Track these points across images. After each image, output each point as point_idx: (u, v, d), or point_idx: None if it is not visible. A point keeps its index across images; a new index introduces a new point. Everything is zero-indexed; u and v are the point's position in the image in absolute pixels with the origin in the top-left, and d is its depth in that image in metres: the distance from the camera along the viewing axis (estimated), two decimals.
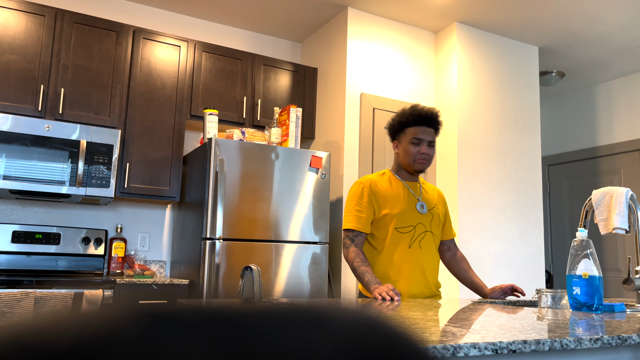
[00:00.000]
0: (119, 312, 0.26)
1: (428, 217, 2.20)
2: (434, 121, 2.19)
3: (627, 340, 1.11)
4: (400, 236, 2.13)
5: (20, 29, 3.18)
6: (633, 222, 2.03)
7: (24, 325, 0.25)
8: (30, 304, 2.66)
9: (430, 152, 2.18)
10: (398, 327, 0.29)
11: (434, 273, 2.20)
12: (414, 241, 2.14)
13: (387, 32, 3.98)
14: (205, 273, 2.95)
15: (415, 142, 2.18)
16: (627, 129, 4.81)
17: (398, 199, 2.17)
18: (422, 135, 2.17)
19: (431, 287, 2.17)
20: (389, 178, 2.23)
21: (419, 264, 2.14)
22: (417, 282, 2.13)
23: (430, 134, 2.18)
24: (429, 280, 2.16)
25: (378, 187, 2.18)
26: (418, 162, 2.17)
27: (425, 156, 2.17)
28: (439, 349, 0.89)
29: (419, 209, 2.18)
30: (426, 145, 2.18)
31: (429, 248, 2.18)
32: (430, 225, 2.20)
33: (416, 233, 2.15)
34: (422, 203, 2.20)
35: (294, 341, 0.25)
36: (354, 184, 2.22)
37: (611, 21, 3.88)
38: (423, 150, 2.16)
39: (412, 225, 2.15)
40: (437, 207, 2.26)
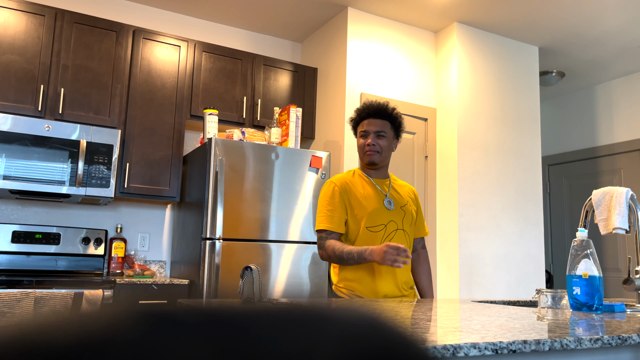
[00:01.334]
0: (118, 312, 0.26)
1: (399, 214, 2.18)
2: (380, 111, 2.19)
3: (627, 340, 1.11)
4: (371, 235, 2.11)
5: (20, 29, 3.18)
6: (633, 222, 2.03)
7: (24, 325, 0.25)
8: (30, 304, 2.66)
9: (380, 142, 2.16)
10: (398, 327, 0.29)
11: (405, 271, 2.16)
12: (385, 239, 2.12)
13: (387, 32, 3.98)
14: (205, 273, 2.95)
15: (362, 135, 2.19)
16: (627, 129, 4.81)
17: (368, 197, 2.15)
18: (368, 127, 2.17)
19: (400, 287, 2.14)
20: (359, 176, 2.22)
21: None
22: (386, 282, 2.10)
23: (378, 124, 2.17)
24: (399, 279, 2.13)
25: (349, 185, 2.16)
26: (367, 153, 2.17)
27: (372, 147, 2.16)
28: (439, 349, 0.89)
29: (386, 205, 2.15)
30: (374, 137, 2.16)
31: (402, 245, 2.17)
32: (402, 223, 2.18)
33: (387, 231, 2.13)
34: (390, 199, 2.18)
35: (294, 341, 0.25)
36: (325, 184, 2.20)
37: (611, 21, 3.88)
38: (368, 141, 2.16)
39: (383, 224, 2.13)
40: (409, 204, 2.23)
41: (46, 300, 2.71)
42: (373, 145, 2.16)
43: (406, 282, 2.17)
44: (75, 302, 2.78)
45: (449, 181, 3.87)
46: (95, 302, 2.84)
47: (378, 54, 3.91)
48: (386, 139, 2.18)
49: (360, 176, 2.22)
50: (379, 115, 2.18)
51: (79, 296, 2.80)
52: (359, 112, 2.23)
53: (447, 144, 3.94)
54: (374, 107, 2.19)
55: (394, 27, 4.01)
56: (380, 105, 2.19)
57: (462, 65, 3.98)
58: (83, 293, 2.82)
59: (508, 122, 4.14)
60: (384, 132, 2.17)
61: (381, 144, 2.17)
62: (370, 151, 2.16)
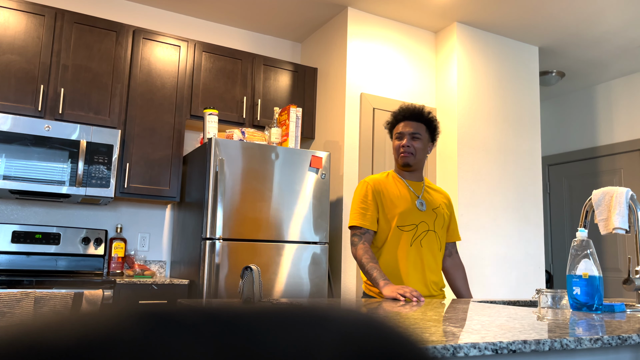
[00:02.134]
0: (118, 312, 0.26)
1: (431, 215, 2.21)
2: (416, 114, 2.22)
3: (627, 340, 1.11)
4: (402, 234, 2.15)
5: (20, 29, 3.18)
6: (633, 222, 2.03)
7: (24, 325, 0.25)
8: (30, 304, 2.66)
9: (414, 144, 2.20)
10: (398, 327, 0.29)
11: (435, 272, 2.19)
12: (415, 239, 2.15)
13: (387, 32, 3.98)
14: (205, 273, 2.95)
15: (398, 137, 2.23)
16: (627, 129, 4.81)
17: (400, 198, 2.18)
18: (403, 129, 2.21)
19: (429, 287, 2.17)
20: (392, 178, 2.26)
21: (419, 263, 2.14)
22: (415, 280, 2.13)
23: (412, 126, 2.21)
24: (428, 279, 2.16)
25: (381, 186, 2.20)
26: (401, 155, 2.21)
27: (407, 148, 2.19)
28: (439, 349, 0.89)
29: (418, 206, 2.19)
30: (409, 138, 2.20)
31: (431, 247, 2.18)
32: (434, 225, 2.21)
33: (418, 231, 2.16)
34: (422, 201, 2.21)
35: (294, 341, 0.25)
36: (359, 184, 2.25)
37: (611, 21, 3.88)
38: (403, 143, 2.19)
39: (414, 224, 2.16)
40: (441, 207, 2.26)
41: (46, 300, 2.71)
42: (407, 147, 2.19)
43: (436, 282, 2.20)
44: (75, 302, 2.78)
45: (449, 181, 3.88)
46: (95, 302, 2.84)
47: (378, 54, 3.91)
48: (421, 141, 2.22)
49: (394, 178, 2.26)
50: (415, 118, 2.22)
51: (79, 296, 2.80)
52: (395, 115, 2.27)
53: (447, 144, 3.94)
54: (409, 110, 2.23)
55: (394, 27, 4.01)
56: (416, 108, 2.24)
57: (462, 65, 3.98)
58: (83, 293, 2.82)
59: (508, 122, 4.14)
60: (418, 135, 2.21)
61: (416, 146, 2.20)
62: (404, 153, 2.20)
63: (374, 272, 2.02)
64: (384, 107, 3.84)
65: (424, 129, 2.23)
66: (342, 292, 3.50)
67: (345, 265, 3.53)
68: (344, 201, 3.60)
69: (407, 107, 2.25)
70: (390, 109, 3.86)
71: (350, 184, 3.64)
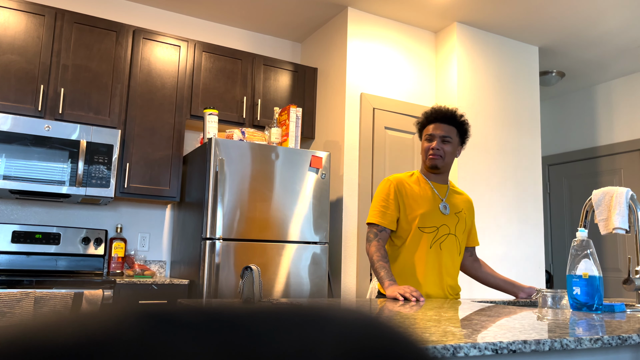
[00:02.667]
0: (118, 312, 0.26)
1: (453, 219, 2.20)
2: (450, 117, 2.20)
3: (627, 340, 1.11)
4: (422, 236, 2.13)
5: (20, 29, 3.18)
6: (633, 222, 2.03)
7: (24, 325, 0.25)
8: (30, 304, 2.66)
9: (444, 147, 2.18)
10: (398, 327, 0.29)
11: (452, 276, 2.18)
12: (435, 242, 2.14)
13: (387, 32, 3.98)
14: (205, 273, 2.95)
15: (427, 139, 2.21)
16: (627, 129, 4.81)
17: (424, 199, 2.17)
18: (434, 131, 2.19)
19: (445, 290, 2.17)
20: (417, 178, 2.24)
21: (437, 265, 2.13)
22: (432, 283, 2.12)
23: (444, 129, 2.18)
24: (445, 282, 2.15)
25: (405, 186, 2.19)
26: (430, 157, 2.18)
27: (436, 151, 2.17)
28: (439, 349, 0.89)
29: (441, 209, 2.17)
30: (439, 141, 2.18)
31: (450, 250, 2.17)
32: (455, 228, 2.19)
33: (439, 234, 2.15)
34: (445, 204, 2.19)
35: (294, 341, 0.25)
36: (383, 181, 2.23)
37: (611, 21, 3.88)
38: (433, 145, 2.17)
39: (435, 227, 2.15)
40: (463, 212, 2.25)
41: (46, 300, 2.71)
42: (437, 149, 2.18)
43: (452, 286, 2.19)
44: (75, 302, 2.78)
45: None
46: (95, 302, 2.84)
47: (378, 54, 3.91)
48: (451, 145, 2.20)
49: (419, 178, 2.24)
50: (447, 121, 2.20)
51: (79, 296, 2.80)
52: (427, 116, 2.24)
53: None
54: (442, 112, 2.20)
55: (394, 27, 4.01)
56: (449, 110, 2.21)
57: (462, 65, 3.98)
58: (83, 293, 2.82)
59: (508, 122, 4.14)
60: (449, 138, 2.19)
61: (445, 149, 2.19)
62: (433, 155, 2.18)
63: (382, 271, 2.02)
64: (384, 107, 3.84)
65: (455, 132, 2.21)
66: (342, 292, 3.50)
67: (345, 265, 3.53)
68: (344, 201, 3.60)
69: (439, 109, 2.22)
70: (390, 109, 3.86)
71: (350, 184, 3.64)
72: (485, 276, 2.34)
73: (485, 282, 2.35)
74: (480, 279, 2.36)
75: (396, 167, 3.83)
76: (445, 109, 2.21)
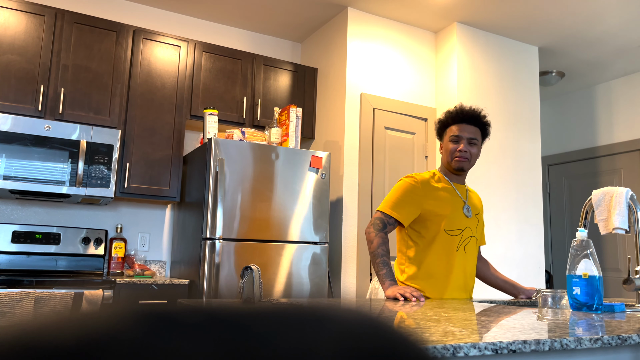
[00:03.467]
0: (119, 312, 0.26)
1: (474, 221, 2.18)
2: (476, 119, 2.15)
3: (627, 340, 1.11)
4: (449, 239, 2.10)
5: (20, 29, 3.18)
6: (633, 222, 2.03)
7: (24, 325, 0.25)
8: (30, 304, 2.66)
9: (471, 150, 2.13)
10: (398, 327, 0.29)
11: (473, 278, 2.19)
12: (461, 245, 2.12)
13: (387, 32, 3.98)
14: (205, 273, 2.95)
15: (454, 140, 2.15)
16: (627, 129, 4.81)
17: (447, 200, 2.13)
18: (461, 133, 2.13)
19: (469, 292, 2.18)
20: (439, 178, 2.19)
21: (463, 269, 2.12)
22: (459, 287, 2.12)
23: (470, 131, 2.14)
24: (468, 285, 2.16)
25: (429, 186, 2.14)
26: (456, 159, 2.13)
27: (464, 153, 2.12)
28: (439, 349, 0.89)
29: (465, 213, 2.14)
30: (466, 143, 2.13)
31: (472, 253, 2.17)
32: (476, 230, 2.18)
33: (463, 237, 2.13)
34: (468, 207, 2.17)
35: (294, 341, 0.25)
36: (406, 178, 2.15)
37: (611, 21, 3.88)
38: (461, 147, 2.12)
39: (460, 229, 2.12)
40: (480, 213, 2.24)
41: (46, 300, 2.71)
42: (465, 152, 2.13)
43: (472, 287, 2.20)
44: (75, 302, 2.78)
45: None
46: (95, 302, 2.84)
47: (378, 54, 3.91)
48: (477, 147, 2.16)
49: (441, 179, 2.19)
50: (474, 122, 2.15)
51: (79, 296, 2.80)
52: (452, 116, 2.17)
53: None
54: (469, 113, 2.15)
55: (394, 27, 4.01)
56: (475, 111, 2.16)
57: (462, 66, 3.98)
58: (83, 293, 2.82)
59: (508, 122, 4.14)
60: (476, 140, 2.14)
61: (472, 151, 2.14)
62: (460, 158, 2.13)
63: (384, 269, 1.98)
64: (384, 107, 3.84)
65: (479, 133, 2.16)
66: (342, 292, 3.50)
67: (345, 265, 3.53)
68: (344, 201, 3.60)
69: (465, 110, 2.15)
70: (390, 109, 3.86)
71: (350, 184, 3.64)
72: (487, 275, 2.33)
73: (486, 281, 2.34)
74: (482, 277, 2.35)
75: (396, 167, 3.83)
76: (471, 110, 2.15)
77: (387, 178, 3.79)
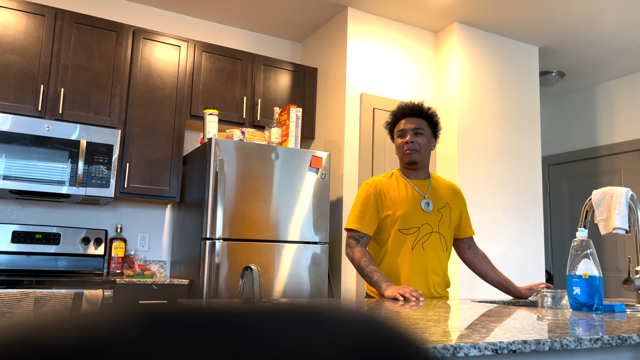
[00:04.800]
0: (118, 312, 0.26)
1: (436, 216, 2.15)
2: (416, 110, 2.17)
3: (627, 340, 1.11)
4: (404, 237, 2.10)
5: (20, 29, 3.18)
6: (633, 222, 2.03)
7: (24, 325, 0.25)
8: (30, 304, 2.66)
9: (418, 140, 2.13)
10: (398, 327, 0.29)
11: (439, 274, 2.15)
12: (417, 243, 2.10)
13: (387, 32, 3.98)
14: (205, 273, 2.95)
15: (400, 135, 2.17)
16: (627, 129, 4.81)
17: (403, 199, 2.12)
18: (404, 126, 2.15)
19: (432, 289, 2.14)
20: (396, 178, 2.19)
21: (422, 266, 2.10)
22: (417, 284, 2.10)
23: (414, 122, 2.15)
24: (431, 282, 2.13)
25: (384, 188, 2.14)
26: (406, 153, 2.14)
27: (411, 145, 2.12)
28: (439, 349, 0.89)
29: (423, 207, 2.13)
30: (412, 134, 2.14)
31: (434, 249, 2.13)
32: (438, 226, 2.15)
33: (420, 234, 2.11)
34: (428, 201, 2.15)
35: (294, 341, 0.25)
36: (362, 185, 2.19)
37: (611, 21, 3.88)
38: (407, 139, 2.13)
39: (416, 227, 2.11)
40: (448, 206, 2.19)
41: (46, 300, 2.71)
42: (412, 142, 2.13)
43: (439, 284, 2.17)
44: (75, 302, 2.78)
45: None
46: (95, 302, 2.84)
47: (378, 54, 3.91)
48: (424, 137, 2.15)
49: (398, 178, 2.19)
50: (415, 114, 2.17)
51: (79, 296, 2.80)
52: (395, 113, 2.20)
53: (447, 144, 3.94)
54: (409, 107, 2.17)
55: (394, 27, 4.01)
56: (415, 104, 2.18)
57: (462, 66, 3.98)
58: (83, 293, 2.82)
59: (508, 122, 4.14)
60: (421, 130, 2.14)
61: (420, 141, 2.14)
62: (409, 150, 2.13)
63: (374, 275, 1.98)
64: (384, 107, 3.84)
65: (425, 124, 2.17)
66: (342, 292, 3.50)
67: (345, 265, 3.53)
68: (344, 201, 3.60)
69: (406, 104, 2.19)
70: (390, 109, 3.86)
71: (350, 184, 3.64)
72: (485, 272, 2.30)
73: (484, 278, 2.33)
74: (479, 274, 2.33)
75: (396, 167, 3.83)
76: (412, 103, 2.18)
77: None
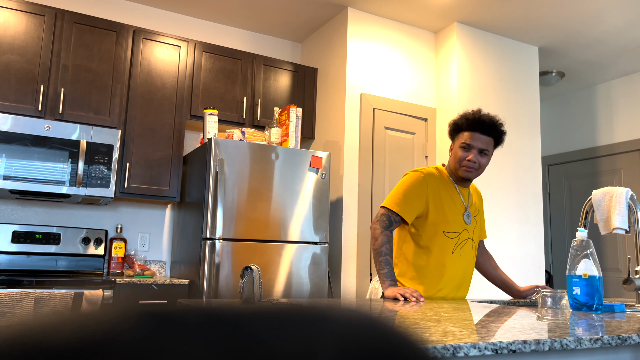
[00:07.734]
0: (118, 312, 0.26)
1: (472, 224, 2.17)
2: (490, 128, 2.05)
3: (627, 340, 1.11)
4: (446, 241, 2.09)
5: (20, 29, 3.18)
6: (633, 222, 2.03)
7: (24, 325, 0.25)
8: (30, 304, 2.66)
9: (481, 160, 2.06)
10: (398, 327, 0.29)
11: (468, 281, 2.18)
12: (457, 248, 2.11)
13: (387, 32, 3.98)
14: (205, 273, 2.95)
15: (464, 147, 2.08)
16: (627, 129, 4.81)
17: (450, 203, 2.10)
18: (472, 142, 2.05)
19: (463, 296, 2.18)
20: (445, 178, 2.15)
21: (458, 271, 2.12)
22: (452, 289, 2.12)
23: (483, 141, 2.05)
24: (463, 288, 2.15)
25: (436, 184, 2.11)
26: (463, 168, 2.08)
27: (472, 164, 2.05)
28: (439, 349, 0.89)
29: (465, 219, 2.13)
30: (476, 153, 2.06)
31: (468, 256, 2.15)
32: (473, 233, 2.16)
33: (460, 239, 2.12)
34: (469, 213, 2.14)
35: (293, 341, 0.25)
36: (412, 172, 2.11)
37: (611, 21, 3.88)
38: (470, 157, 2.05)
39: (457, 232, 2.11)
40: (479, 214, 2.23)
41: (46, 300, 2.71)
42: (474, 162, 2.06)
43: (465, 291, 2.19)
44: (75, 302, 2.78)
45: None
46: (95, 302, 2.84)
47: (378, 54, 3.91)
48: (487, 158, 2.09)
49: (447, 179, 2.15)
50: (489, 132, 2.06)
51: (79, 296, 2.80)
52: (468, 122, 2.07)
53: (447, 144, 3.94)
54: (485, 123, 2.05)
55: (394, 27, 4.01)
56: (492, 120, 2.07)
57: (462, 66, 3.98)
58: (83, 293, 2.81)
59: (508, 122, 4.14)
60: (487, 151, 2.07)
61: (482, 162, 2.08)
62: (468, 168, 2.07)
63: (385, 268, 1.95)
64: (384, 107, 3.84)
65: (492, 144, 2.09)
66: (342, 292, 3.50)
67: (345, 265, 3.53)
68: (344, 201, 3.60)
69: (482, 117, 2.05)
70: (390, 109, 3.86)
71: (350, 184, 3.64)
72: (488, 270, 2.33)
73: (486, 276, 2.35)
74: (483, 272, 2.35)
75: (396, 167, 3.83)
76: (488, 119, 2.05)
77: (387, 178, 3.79)
